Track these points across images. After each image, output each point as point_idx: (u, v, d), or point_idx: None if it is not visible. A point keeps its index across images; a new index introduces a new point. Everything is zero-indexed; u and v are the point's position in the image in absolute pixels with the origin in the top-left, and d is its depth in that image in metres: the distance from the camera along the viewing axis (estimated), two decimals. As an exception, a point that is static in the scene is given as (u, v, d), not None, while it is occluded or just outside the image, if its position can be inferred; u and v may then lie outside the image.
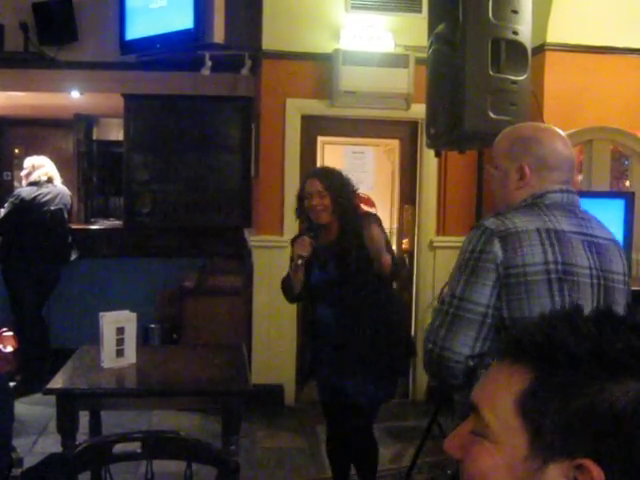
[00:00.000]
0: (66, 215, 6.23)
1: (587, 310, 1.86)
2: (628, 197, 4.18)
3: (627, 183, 4.88)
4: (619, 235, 4.08)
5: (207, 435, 4.34)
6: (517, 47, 3.59)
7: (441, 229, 5.79)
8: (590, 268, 1.98)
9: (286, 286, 3.67)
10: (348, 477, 3.84)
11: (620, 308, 1.98)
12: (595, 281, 1.98)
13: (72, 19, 6.30)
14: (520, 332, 0.87)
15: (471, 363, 1.92)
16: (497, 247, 1.92)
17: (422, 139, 5.55)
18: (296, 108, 5.72)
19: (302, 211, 3.65)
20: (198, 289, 6.13)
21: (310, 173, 3.76)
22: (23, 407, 5.27)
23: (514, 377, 0.84)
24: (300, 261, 3.50)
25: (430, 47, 3.78)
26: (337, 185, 3.55)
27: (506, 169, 2.12)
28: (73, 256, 6.37)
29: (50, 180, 6.10)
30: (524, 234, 1.93)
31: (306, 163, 5.81)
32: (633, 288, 4.03)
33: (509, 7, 3.52)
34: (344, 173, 3.67)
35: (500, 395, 0.85)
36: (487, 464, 0.84)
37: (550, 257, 1.92)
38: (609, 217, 4.13)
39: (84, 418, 3.55)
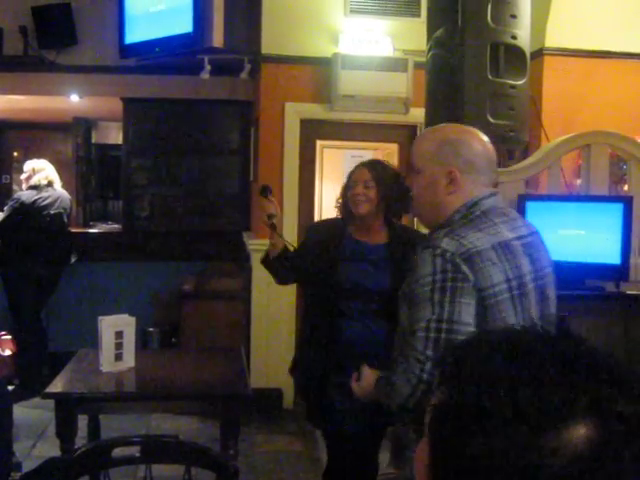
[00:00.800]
0: (66, 219, 6.23)
1: (534, 314, 1.90)
2: (627, 201, 4.19)
3: (625, 187, 4.89)
4: (618, 239, 4.09)
5: (206, 439, 4.34)
6: (516, 51, 3.60)
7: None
8: (531, 272, 1.97)
9: (267, 263, 3.28)
10: None
11: (551, 302, 2.06)
12: (534, 284, 1.98)
13: (71, 23, 6.31)
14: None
15: None
16: (465, 269, 1.85)
17: (421, 143, 5.55)
18: (295, 112, 5.72)
19: (343, 203, 3.21)
20: (197, 293, 6.13)
21: (360, 163, 3.27)
22: (21, 411, 5.27)
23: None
24: (271, 221, 3.18)
25: (429, 51, 3.79)
26: (388, 180, 3.10)
27: (433, 174, 2.03)
28: (72, 260, 6.36)
29: (50, 184, 6.10)
30: (484, 253, 1.88)
31: (305, 167, 5.82)
32: (632, 292, 4.06)
33: (508, 12, 3.53)
34: (401, 174, 3.20)
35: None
36: None
37: (508, 274, 1.90)
38: (608, 221, 4.14)
39: (83, 422, 3.55)
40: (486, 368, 0.71)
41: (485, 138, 2.08)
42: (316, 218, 6.02)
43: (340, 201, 3.25)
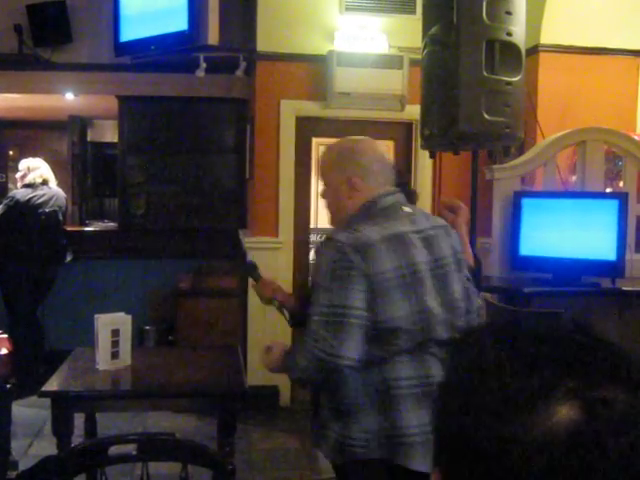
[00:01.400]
0: (61, 217, 6.22)
1: (431, 301, 2.06)
2: (622, 198, 4.20)
3: (620, 184, 4.90)
4: (613, 235, 4.09)
5: (202, 437, 4.34)
6: (511, 48, 3.60)
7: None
8: (428, 262, 2.18)
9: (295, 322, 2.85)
10: None
11: (455, 289, 2.22)
12: (432, 273, 2.18)
13: (66, 21, 6.29)
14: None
15: (356, 366, 2.08)
16: (356, 258, 2.07)
17: (417, 140, 5.56)
18: (291, 109, 5.72)
19: None
20: (193, 291, 6.13)
21: None
22: (18, 410, 5.25)
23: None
24: (277, 305, 2.80)
25: (424, 48, 3.79)
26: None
27: (336, 182, 2.29)
28: (68, 258, 6.36)
29: (45, 182, 6.09)
30: (375, 244, 2.10)
31: (301, 164, 5.81)
32: (628, 288, 4.06)
33: (503, 8, 3.53)
34: (408, 175, 3.13)
35: None
36: None
37: (396, 262, 2.10)
38: (603, 218, 4.15)
39: (79, 420, 3.55)
40: (480, 348, 0.74)
41: (378, 144, 2.40)
42: (312, 216, 6.02)
43: None
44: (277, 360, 2.31)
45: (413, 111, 4.98)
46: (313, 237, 6.20)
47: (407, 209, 2.28)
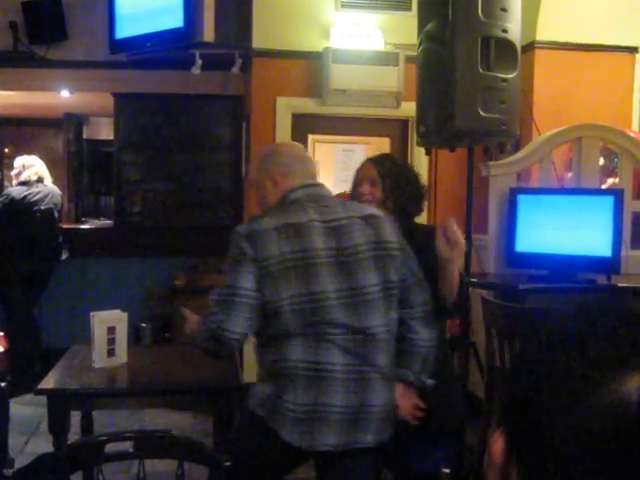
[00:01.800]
0: (56, 215, 6.21)
1: (326, 285, 2.21)
2: (617, 194, 4.20)
3: (609, 180, 4.92)
4: (609, 232, 4.10)
5: (199, 434, 4.34)
6: (507, 45, 3.60)
7: (432, 227, 5.79)
8: (329, 249, 2.30)
9: None
10: None
11: (364, 277, 2.31)
12: (335, 259, 2.30)
13: (62, 18, 6.27)
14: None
15: (243, 340, 2.34)
16: (246, 245, 2.30)
17: (412, 137, 5.56)
18: (286, 106, 5.72)
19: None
20: (189, 288, 6.13)
21: (367, 158, 3.12)
22: (14, 407, 5.24)
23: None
24: None
25: (420, 45, 3.79)
26: (396, 176, 2.89)
27: (262, 181, 2.52)
28: (64, 256, 6.35)
29: (40, 180, 6.08)
30: (265, 233, 2.30)
31: (297, 161, 5.81)
32: (623, 284, 4.07)
33: (498, 5, 3.53)
34: (415, 171, 3.05)
35: None
36: None
37: (285, 248, 2.27)
38: (599, 214, 4.16)
39: (76, 418, 3.55)
40: (563, 321, 0.80)
41: (297, 145, 2.67)
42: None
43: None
44: (193, 328, 2.53)
45: (409, 108, 4.97)
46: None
47: (319, 200, 2.42)
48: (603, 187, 4.90)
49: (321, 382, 2.28)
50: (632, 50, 5.47)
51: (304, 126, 5.85)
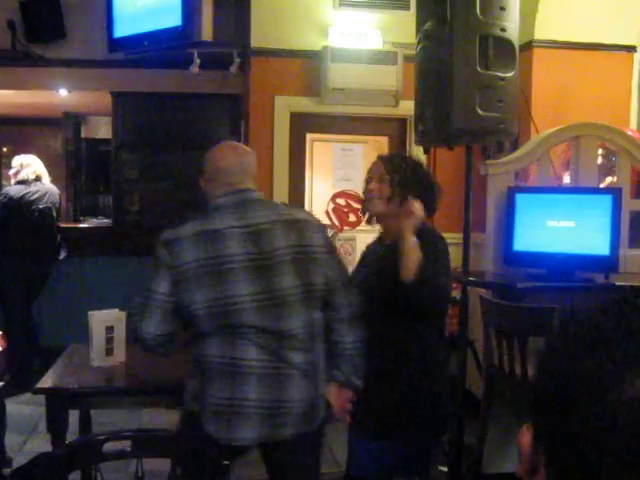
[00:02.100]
0: (55, 214, 6.20)
1: (242, 289, 2.28)
2: (616, 193, 4.20)
3: (608, 179, 4.91)
4: (607, 231, 4.10)
5: (197, 433, 4.33)
6: (505, 44, 3.60)
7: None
8: (246, 254, 2.35)
9: None
10: None
11: (282, 280, 2.35)
12: (253, 264, 2.35)
13: (60, 17, 6.27)
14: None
15: (160, 340, 2.44)
16: (163, 252, 2.40)
17: (411, 136, 5.56)
18: (285, 105, 5.72)
19: (363, 201, 3.02)
20: (188, 287, 6.11)
21: (378, 155, 3.05)
22: (12, 407, 5.25)
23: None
24: None
25: (418, 44, 3.79)
26: (405, 174, 2.81)
27: (202, 185, 2.64)
28: (62, 255, 6.34)
29: (38, 178, 6.07)
30: (182, 240, 2.39)
31: (295, 160, 5.81)
32: (621, 283, 4.07)
33: (497, 4, 3.53)
34: (428, 171, 2.99)
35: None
36: None
37: (200, 255, 2.34)
38: (597, 213, 4.16)
39: (74, 417, 3.54)
40: (589, 318, 0.82)
41: (232, 147, 2.65)
42: (306, 212, 6.02)
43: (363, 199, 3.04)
44: None
45: (407, 107, 4.97)
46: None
47: (240, 207, 2.46)
48: (601, 186, 4.90)
49: (237, 377, 2.37)
50: (630, 49, 5.48)
51: (302, 125, 5.85)
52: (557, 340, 0.83)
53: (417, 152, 5.30)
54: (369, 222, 2.98)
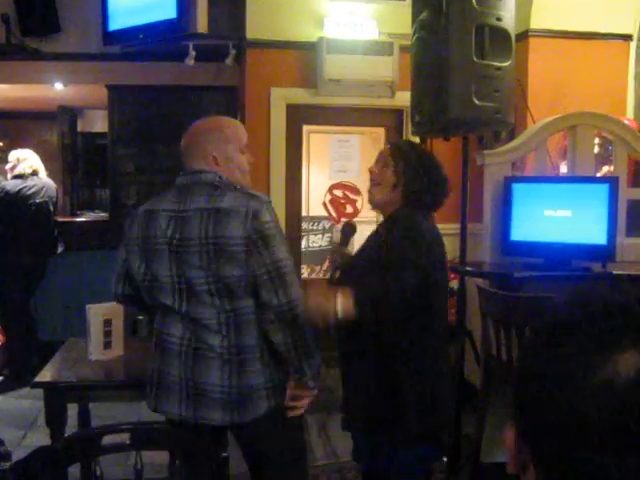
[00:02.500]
0: (52, 208, 6.19)
1: (162, 270, 2.43)
2: (612, 182, 4.20)
3: (605, 168, 4.91)
4: (603, 220, 4.10)
5: (196, 425, 4.34)
6: (501, 33, 3.59)
7: (428, 216, 5.79)
8: (168, 238, 2.41)
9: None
10: None
11: (190, 268, 2.37)
12: (172, 248, 2.40)
13: (54, 10, 6.25)
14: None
15: (122, 299, 2.74)
16: (125, 225, 2.59)
17: (407, 127, 5.55)
18: (281, 97, 5.71)
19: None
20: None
21: (387, 142, 3.01)
22: (11, 401, 5.26)
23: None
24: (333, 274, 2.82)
25: (414, 34, 3.78)
26: (410, 162, 2.64)
27: None
28: (59, 249, 6.34)
29: (35, 173, 6.06)
30: (137, 216, 2.54)
31: (292, 152, 5.80)
32: (619, 272, 4.07)
33: (492, -7, 3.52)
34: (438, 163, 2.72)
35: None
36: None
37: (140, 232, 2.48)
38: (594, 202, 4.16)
39: (73, 411, 3.54)
40: (557, 314, 0.84)
41: (190, 132, 2.63)
42: (303, 203, 6.02)
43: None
44: None
45: (403, 98, 4.97)
46: (305, 225, 6.20)
47: (180, 190, 2.48)
48: (598, 175, 4.90)
49: (164, 351, 2.49)
50: (626, 38, 5.46)
51: (298, 117, 5.84)
52: (530, 340, 0.85)
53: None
54: (374, 209, 2.80)
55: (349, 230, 2.91)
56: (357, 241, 2.95)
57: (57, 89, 6.99)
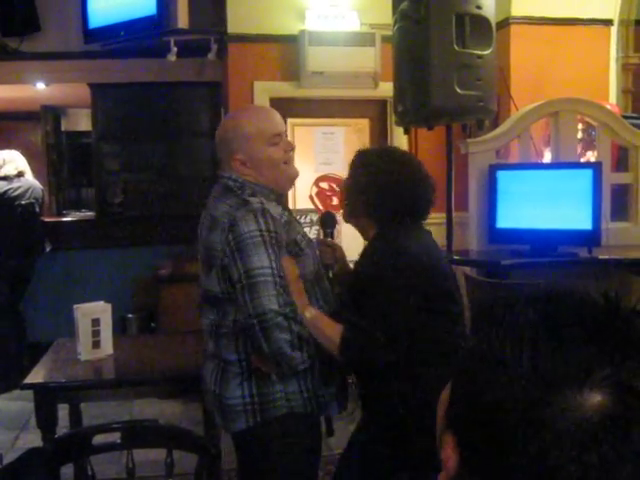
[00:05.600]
0: (38, 209, 6.17)
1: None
2: (596, 167, 4.22)
3: (588, 153, 4.93)
4: (588, 205, 4.12)
5: (189, 422, 4.36)
6: (481, 21, 3.60)
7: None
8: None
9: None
10: None
11: (200, 271, 2.37)
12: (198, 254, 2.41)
13: (34, 9, 6.20)
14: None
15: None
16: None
17: (391, 117, 5.55)
18: (264, 91, 5.70)
19: None
20: (174, 276, 6.12)
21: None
22: (3, 403, 5.25)
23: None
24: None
25: (395, 24, 3.78)
26: (365, 172, 2.44)
27: None
28: (47, 249, 6.32)
29: (21, 174, 6.04)
30: None
31: (277, 146, 5.79)
32: (604, 257, 4.10)
33: (471, -18, 3.53)
34: (402, 179, 2.41)
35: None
36: None
37: None
38: (578, 188, 4.18)
39: (64, 411, 3.54)
40: (516, 319, 0.73)
41: (216, 134, 2.53)
42: (290, 197, 6.01)
43: None
44: None
45: (387, 88, 4.96)
46: (292, 218, 6.19)
47: (214, 193, 2.46)
48: (582, 160, 4.92)
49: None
50: (607, 23, 5.48)
51: (282, 110, 5.78)
52: (483, 341, 0.75)
53: (398, 133, 5.31)
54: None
55: (329, 220, 2.70)
56: (357, 245, 2.80)
57: (39, 89, 6.95)
